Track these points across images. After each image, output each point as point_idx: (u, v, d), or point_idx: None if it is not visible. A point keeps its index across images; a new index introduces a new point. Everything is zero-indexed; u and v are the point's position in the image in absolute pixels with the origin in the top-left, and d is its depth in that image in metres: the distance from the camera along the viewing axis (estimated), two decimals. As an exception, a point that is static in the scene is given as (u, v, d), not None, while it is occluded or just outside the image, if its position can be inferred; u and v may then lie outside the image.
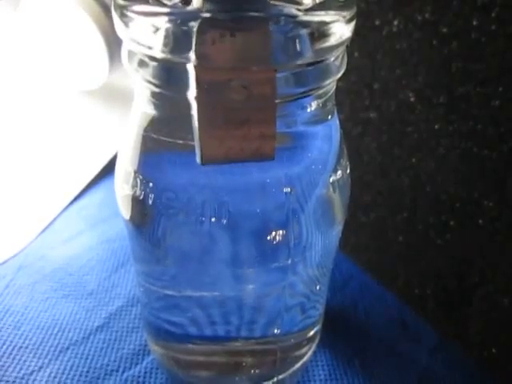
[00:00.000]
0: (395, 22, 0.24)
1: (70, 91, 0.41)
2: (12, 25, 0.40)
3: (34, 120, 0.38)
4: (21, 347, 0.23)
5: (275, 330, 0.19)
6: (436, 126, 0.23)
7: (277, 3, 0.14)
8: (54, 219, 0.31)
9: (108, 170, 0.35)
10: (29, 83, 0.41)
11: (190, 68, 0.13)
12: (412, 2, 0.22)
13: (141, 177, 0.16)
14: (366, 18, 0.24)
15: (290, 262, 0.16)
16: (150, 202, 0.16)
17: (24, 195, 0.33)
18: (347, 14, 0.14)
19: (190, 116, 0.14)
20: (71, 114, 0.39)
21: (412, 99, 0.24)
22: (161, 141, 0.16)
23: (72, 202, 0.33)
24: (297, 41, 0.13)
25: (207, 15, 0.13)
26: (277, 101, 0.14)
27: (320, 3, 0.14)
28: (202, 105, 0.13)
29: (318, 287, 0.20)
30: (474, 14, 0.21)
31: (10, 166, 0.34)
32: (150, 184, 0.16)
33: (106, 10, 0.36)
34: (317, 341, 0.23)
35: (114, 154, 0.36)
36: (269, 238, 0.16)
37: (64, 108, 0.40)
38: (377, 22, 0.24)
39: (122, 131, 0.18)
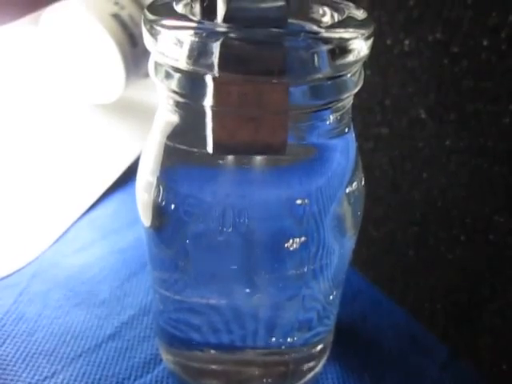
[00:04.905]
0: (406, 42, 0.24)
1: (86, 105, 0.42)
2: (32, 41, 0.41)
3: (49, 132, 0.39)
4: (34, 354, 0.24)
5: (288, 340, 0.19)
6: (447, 143, 0.24)
7: (299, 22, 0.15)
8: (68, 229, 0.32)
9: (121, 181, 0.36)
10: (47, 97, 0.42)
11: (209, 79, 0.14)
12: (423, 23, 0.23)
13: (163, 184, 0.16)
14: (378, 38, 0.25)
15: (306, 270, 0.17)
16: (172, 209, 0.16)
17: (38, 205, 0.33)
18: (365, 31, 0.14)
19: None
20: (87, 127, 0.40)
21: (423, 116, 0.24)
22: (183, 150, 0.16)
23: (85, 213, 0.34)
24: (318, 56, 0.13)
25: (229, 34, 0.13)
26: (296, 111, 0.14)
27: (340, 22, 0.15)
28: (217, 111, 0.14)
29: (331, 297, 0.20)
30: (485, 35, 0.21)
31: (26, 176, 0.35)
32: (172, 192, 0.16)
33: (124, 26, 0.37)
34: (328, 353, 0.23)
35: (127, 166, 0.36)
36: (286, 245, 0.16)
37: (80, 121, 0.41)
38: (388, 42, 0.25)
39: (142, 141, 0.18)
